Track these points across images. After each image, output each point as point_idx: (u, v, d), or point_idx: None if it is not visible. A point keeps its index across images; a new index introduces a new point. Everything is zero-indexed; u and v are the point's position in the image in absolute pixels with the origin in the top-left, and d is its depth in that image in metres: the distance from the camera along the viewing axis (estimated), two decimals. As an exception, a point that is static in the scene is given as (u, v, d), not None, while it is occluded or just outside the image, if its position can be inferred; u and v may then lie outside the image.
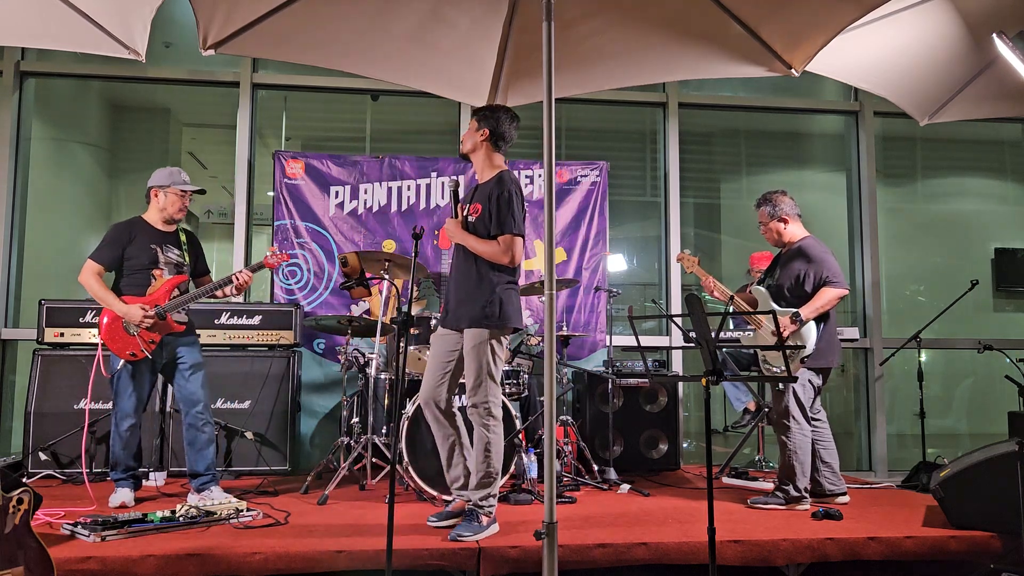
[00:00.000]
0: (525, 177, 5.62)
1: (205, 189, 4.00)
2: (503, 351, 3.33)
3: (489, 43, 3.47)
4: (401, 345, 3.23)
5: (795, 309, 3.90)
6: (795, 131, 6.78)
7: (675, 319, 5.12)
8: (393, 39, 3.40)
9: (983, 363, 5.90)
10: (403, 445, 3.84)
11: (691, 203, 6.35)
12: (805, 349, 3.88)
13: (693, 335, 2.71)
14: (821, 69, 3.79)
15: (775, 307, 3.97)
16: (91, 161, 6.20)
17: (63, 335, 4.72)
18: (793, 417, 3.89)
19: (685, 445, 5.57)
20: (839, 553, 3.18)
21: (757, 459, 5.35)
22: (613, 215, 5.85)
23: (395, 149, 5.87)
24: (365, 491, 4.23)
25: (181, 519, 3.26)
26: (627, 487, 4.41)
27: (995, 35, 3.60)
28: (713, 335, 2.62)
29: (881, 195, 6.22)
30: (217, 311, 4.89)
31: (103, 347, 3.73)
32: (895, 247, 6.40)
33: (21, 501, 2.43)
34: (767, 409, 4.74)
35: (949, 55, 3.86)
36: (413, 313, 3.61)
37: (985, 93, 4.07)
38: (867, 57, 3.88)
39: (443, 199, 5.59)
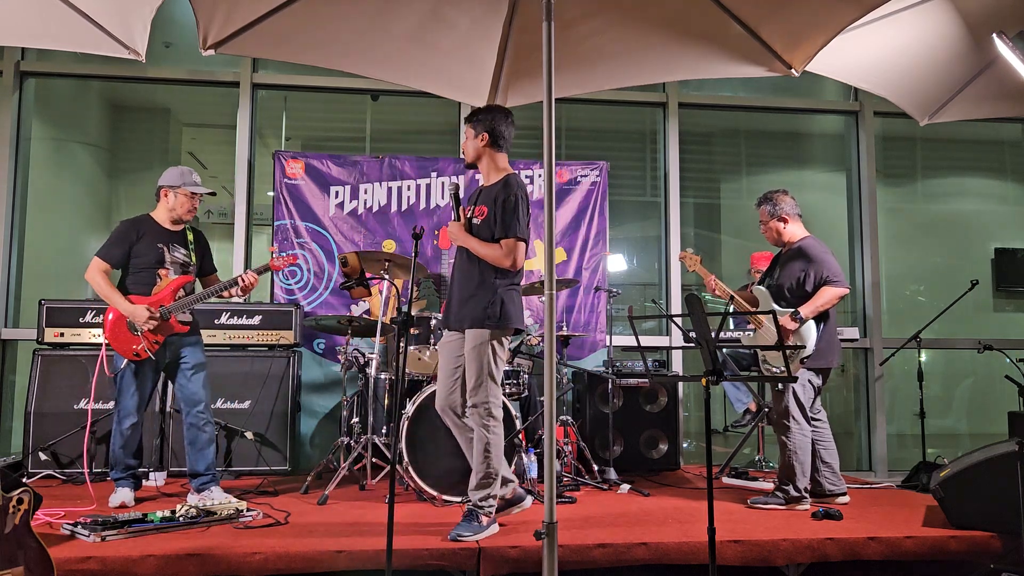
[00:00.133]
0: (525, 177, 5.61)
1: (215, 192, 4.00)
2: (504, 352, 3.33)
3: (489, 43, 3.46)
4: (401, 345, 3.23)
5: (795, 309, 3.90)
6: (795, 131, 6.78)
7: (675, 319, 5.12)
8: (393, 39, 3.39)
9: (983, 363, 5.89)
10: (403, 445, 3.83)
11: (691, 203, 6.35)
12: (805, 349, 3.89)
13: (693, 335, 2.71)
14: (821, 69, 3.79)
15: (775, 307, 3.97)
16: (91, 161, 6.20)
17: (63, 335, 4.72)
18: (793, 417, 3.89)
19: (685, 445, 5.57)
20: (839, 553, 3.18)
21: (757, 459, 5.34)
22: (613, 215, 5.85)
23: (395, 149, 5.87)
24: (365, 491, 4.23)
25: (181, 519, 3.26)
26: (627, 487, 4.41)
27: (995, 35, 3.59)
28: (713, 335, 2.62)
29: (881, 195, 6.22)
30: (217, 311, 4.89)
31: (107, 346, 3.73)
32: (895, 247, 6.40)
33: (21, 501, 2.42)
34: (767, 409, 4.73)
35: (949, 55, 3.86)
36: (413, 313, 3.61)
37: (985, 93, 4.06)
38: (867, 57, 3.88)
39: (443, 199, 5.59)
